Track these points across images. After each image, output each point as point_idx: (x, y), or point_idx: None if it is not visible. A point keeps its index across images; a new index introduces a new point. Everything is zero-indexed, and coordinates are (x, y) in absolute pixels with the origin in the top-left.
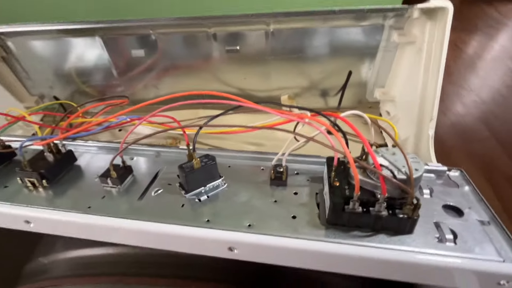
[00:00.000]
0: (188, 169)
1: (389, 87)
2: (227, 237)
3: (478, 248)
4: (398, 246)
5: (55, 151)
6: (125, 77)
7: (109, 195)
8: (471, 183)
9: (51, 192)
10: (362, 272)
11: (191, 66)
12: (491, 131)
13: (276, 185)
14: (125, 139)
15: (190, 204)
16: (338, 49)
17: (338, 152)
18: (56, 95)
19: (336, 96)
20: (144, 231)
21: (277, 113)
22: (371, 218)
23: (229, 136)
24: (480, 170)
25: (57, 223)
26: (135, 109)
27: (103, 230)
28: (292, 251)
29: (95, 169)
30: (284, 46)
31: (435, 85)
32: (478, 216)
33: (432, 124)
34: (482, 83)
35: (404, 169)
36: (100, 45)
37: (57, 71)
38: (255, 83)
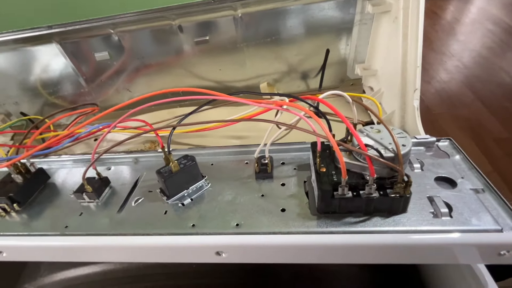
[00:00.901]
0: (167, 174)
1: (370, 62)
2: (213, 242)
3: (475, 219)
4: (393, 227)
5: (23, 171)
6: (93, 83)
7: (87, 211)
8: (462, 151)
9: (24, 215)
10: (359, 260)
11: (163, 63)
12: (475, 94)
13: (262, 178)
14: (96, 149)
15: (174, 210)
16: (313, 27)
17: (321, 136)
18: (23, 111)
19: (317, 77)
20: (125, 247)
21: (253, 103)
22: (362, 201)
23: (210, 133)
24: (468, 133)
25: (31, 249)
26: (103, 115)
27: (82, 251)
28: (283, 248)
29: (71, 184)
30: (256, 30)
31: (415, 52)
32: (471, 184)
33: (417, 95)
34: (463, 48)
35: (391, 146)
36: (60, 52)
37: (21, 85)
38: (232, 74)
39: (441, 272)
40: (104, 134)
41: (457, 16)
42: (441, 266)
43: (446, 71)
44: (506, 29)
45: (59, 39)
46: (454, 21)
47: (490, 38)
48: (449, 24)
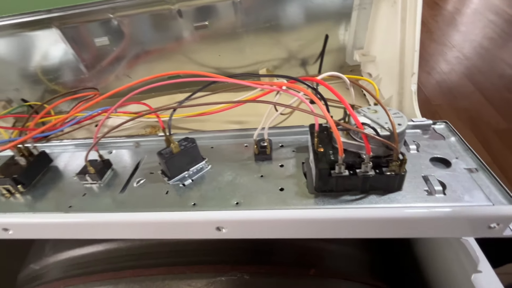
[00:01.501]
0: (168, 155)
1: (368, 48)
2: (214, 217)
3: (468, 196)
4: (388, 204)
5: (26, 154)
6: (93, 69)
7: (90, 192)
8: (457, 134)
9: (29, 196)
10: (355, 234)
11: (163, 49)
12: (476, 86)
13: (261, 160)
14: (98, 132)
15: (175, 190)
16: (312, 12)
17: (319, 116)
18: (24, 98)
19: (316, 64)
20: (128, 223)
21: (253, 85)
22: (358, 179)
23: (210, 118)
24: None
25: (37, 226)
26: (102, 99)
27: (86, 227)
28: (282, 222)
29: (73, 167)
30: (255, 15)
31: (413, 37)
32: (465, 164)
33: (414, 79)
34: (464, 38)
35: (387, 125)
36: (60, 37)
37: (22, 72)
38: (231, 60)
39: (434, 249)
40: (104, 117)
41: (458, 7)
42: (434, 244)
43: (446, 62)
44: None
45: (58, 24)
46: (455, 12)
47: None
48: (450, 15)
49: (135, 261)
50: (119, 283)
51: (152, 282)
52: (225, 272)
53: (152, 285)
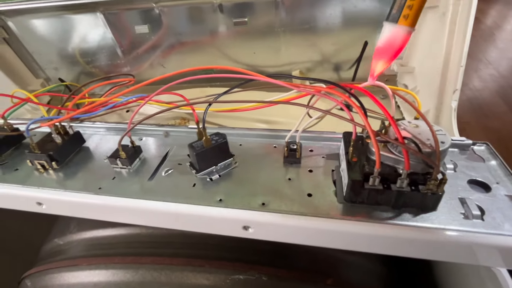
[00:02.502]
0: (199, 148)
1: (408, 58)
2: (242, 216)
3: (508, 225)
4: (421, 223)
5: (62, 132)
6: (130, 56)
7: (119, 176)
8: (499, 157)
9: (61, 174)
10: (382, 251)
11: (198, 42)
12: (509, 106)
13: (290, 163)
14: (132, 119)
15: (202, 184)
16: (353, 17)
17: (358, 125)
18: (61, 77)
19: (350, 70)
20: (155, 211)
21: (291, 87)
22: (392, 194)
23: (239, 115)
24: (496, 146)
25: (68, 204)
26: (140, 87)
27: (114, 211)
28: (310, 230)
29: (104, 150)
30: (295, 16)
31: (460, 52)
32: (506, 191)
33: (456, 96)
34: (501, 56)
35: (428, 142)
36: (102, 22)
37: (61, 52)
38: (265, 58)
39: (458, 274)
40: (141, 104)
41: (498, 22)
42: (458, 268)
43: (480, 79)
44: None
45: (103, 9)
46: (494, 27)
47: None
48: (489, 30)
49: (156, 248)
50: (140, 268)
51: (172, 272)
52: (244, 271)
53: (171, 274)
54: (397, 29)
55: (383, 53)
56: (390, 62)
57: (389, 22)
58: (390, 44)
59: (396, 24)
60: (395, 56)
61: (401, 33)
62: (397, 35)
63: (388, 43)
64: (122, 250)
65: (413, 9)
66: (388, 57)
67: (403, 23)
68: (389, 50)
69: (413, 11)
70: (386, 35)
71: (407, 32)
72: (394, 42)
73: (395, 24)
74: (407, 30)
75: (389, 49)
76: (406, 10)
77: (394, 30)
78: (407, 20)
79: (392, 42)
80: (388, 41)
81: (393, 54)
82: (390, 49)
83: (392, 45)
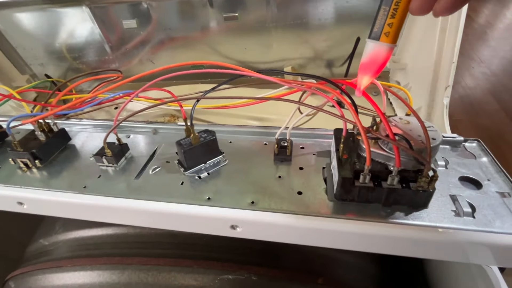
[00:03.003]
0: (186, 145)
1: (400, 54)
2: (230, 215)
3: (499, 222)
4: (412, 221)
5: (47, 130)
6: (118, 52)
7: (105, 175)
8: (490, 154)
9: (45, 172)
10: (372, 249)
11: (188, 37)
12: (501, 104)
13: (280, 161)
14: (118, 115)
15: (190, 182)
16: (344, 13)
17: (348, 121)
18: (48, 74)
19: (342, 66)
20: (141, 211)
21: (281, 82)
22: (383, 192)
23: (230, 112)
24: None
25: (50, 204)
26: (126, 82)
27: (99, 210)
28: (299, 228)
29: (90, 148)
30: (286, 11)
31: (452, 47)
32: (497, 188)
33: (448, 92)
34: (493, 54)
35: (420, 138)
36: (89, 16)
37: (47, 47)
38: (257, 55)
39: (449, 271)
40: (127, 101)
41: (490, 20)
42: (449, 265)
43: (472, 77)
44: None
45: (89, 3)
46: (487, 25)
47: None
48: (481, 28)
49: (143, 249)
50: (126, 269)
51: (159, 272)
52: (233, 270)
53: (159, 275)
54: (379, 46)
55: (367, 69)
56: (374, 76)
57: (371, 39)
58: (373, 60)
59: (378, 41)
60: (378, 71)
61: (383, 50)
62: (379, 51)
63: (371, 59)
64: (109, 251)
65: (393, 27)
66: (372, 72)
67: (384, 40)
68: (373, 66)
69: (393, 28)
70: (369, 52)
71: (389, 49)
72: (377, 58)
73: (377, 42)
74: (388, 47)
75: (373, 64)
76: (386, 28)
77: (376, 47)
78: (388, 38)
79: (375, 58)
80: (371, 57)
81: (377, 69)
82: (373, 65)
83: (375, 61)
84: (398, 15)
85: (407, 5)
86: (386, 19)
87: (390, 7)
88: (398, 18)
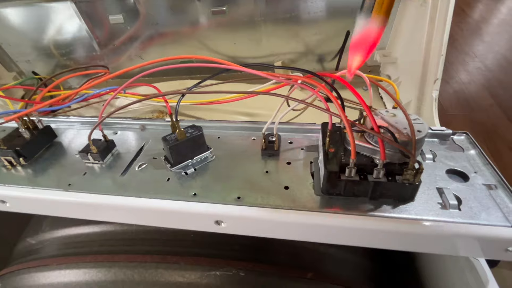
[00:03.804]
0: (172, 141)
1: (391, 48)
2: (214, 210)
3: (485, 214)
4: (398, 214)
5: (31, 127)
6: (106, 48)
7: (91, 172)
8: (478, 147)
9: (29, 170)
10: (360, 243)
11: (177, 33)
12: (495, 99)
13: (268, 156)
14: (103, 112)
15: (176, 178)
16: (334, 6)
17: (333, 115)
18: (35, 71)
19: (333, 61)
20: (125, 208)
21: (268, 76)
22: (369, 185)
23: (219, 107)
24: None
25: (34, 202)
26: (112, 77)
27: (83, 208)
28: (284, 223)
29: (77, 145)
30: (275, 5)
31: (441, 39)
32: (484, 180)
33: (437, 85)
34: (488, 49)
35: (405, 131)
36: (75, 12)
37: (34, 44)
38: (247, 50)
39: (438, 264)
40: (111, 96)
41: (485, 16)
42: (438, 258)
43: (467, 72)
44: None
45: None
46: (481, 20)
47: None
48: (476, 23)
49: (130, 246)
50: (112, 266)
51: (145, 270)
52: (220, 266)
53: (145, 272)
54: (371, 21)
55: (359, 47)
56: (366, 56)
57: (363, 14)
58: (365, 37)
59: (369, 17)
60: (371, 50)
61: (375, 25)
62: (371, 27)
63: (363, 36)
64: (95, 248)
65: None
66: (363, 51)
67: (377, 14)
68: (364, 44)
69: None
70: (360, 29)
71: (382, 24)
72: (369, 35)
73: (369, 16)
74: (381, 22)
75: (364, 42)
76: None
77: (368, 22)
78: (381, 11)
79: (367, 35)
80: (363, 35)
81: (369, 48)
82: (365, 43)
83: (366, 38)
84: None
85: None
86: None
87: None
88: None
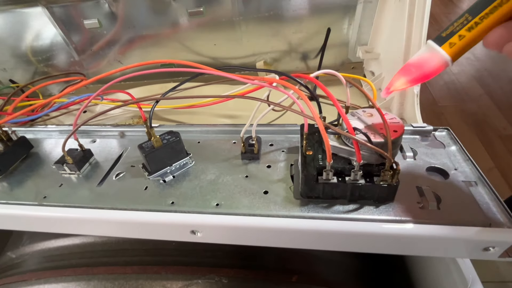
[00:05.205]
0: (148, 149)
1: (373, 44)
2: (189, 220)
3: (464, 213)
4: (378, 216)
5: (5, 139)
6: (84, 54)
7: (67, 183)
8: (458, 142)
9: (4, 183)
10: (338, 247)
11: (156, 35)
12: (485, 89)
13: (248, 159)
14: (77, 119)
15: (154, 186)
16: (315, 3)
17: (308, 117)
18: (12, 79)
19: (317, 58)
20: (99, 220)
21: (240, 79)
22: (347, 188)
23: (200, 111)
24: (473, 128)
25: (6, 218)
26: (87, 84)
27: (58, 222)
28: (260, 230)
29: (55, 155)
30: (254, 3)
31: (420, 34)
32: (464, 177)
33: None
34: None
35: (382, 131)
36: (47, 17)
37: (10, 51)
38: (227, 50)
39: (426, 263)
40: (86, 103)
41: None
42: (426, 258)
43: (456, 63)
44: None
45: (45, 2)
46: None
47: None
48: None
49: (110, 257)
50: (92, 279)
51: (126, 281)
52: (202, 274)
53: (125, 284)
54: (435, 53)
55: (409, 71)
56: (411, 83)
57: (433, 42)
58: (420, 65)
59: (437, 47)
60: (419, 79)
61: (437, 59)
62: (433, 58)
63: (419, 62)
64: (75, 261)
65: (463, 41)
66: (412, 76)
67: (445, 50)
68: (417, 70)
69: (461, 42)
70: (421, 53)
71: (443, 61)
72: (425, 64)
73: (437, 47)
74: (444, 59)
75: (417, 69)
76: (455, 38)
77: (433, 52)
78: (451, 50)
79: (423, 63)
80: (420, 60)
81: (418, 77)
82: (417, 70)
83: (421, 66)
84: (475, 31)
85: (489, 28)
86: (461, 29)
87: (474, 18)
88: (473, 34)
